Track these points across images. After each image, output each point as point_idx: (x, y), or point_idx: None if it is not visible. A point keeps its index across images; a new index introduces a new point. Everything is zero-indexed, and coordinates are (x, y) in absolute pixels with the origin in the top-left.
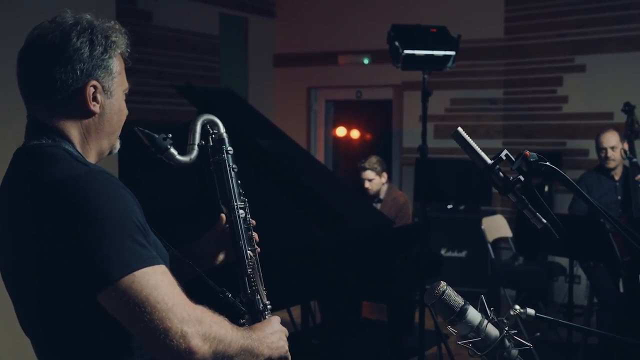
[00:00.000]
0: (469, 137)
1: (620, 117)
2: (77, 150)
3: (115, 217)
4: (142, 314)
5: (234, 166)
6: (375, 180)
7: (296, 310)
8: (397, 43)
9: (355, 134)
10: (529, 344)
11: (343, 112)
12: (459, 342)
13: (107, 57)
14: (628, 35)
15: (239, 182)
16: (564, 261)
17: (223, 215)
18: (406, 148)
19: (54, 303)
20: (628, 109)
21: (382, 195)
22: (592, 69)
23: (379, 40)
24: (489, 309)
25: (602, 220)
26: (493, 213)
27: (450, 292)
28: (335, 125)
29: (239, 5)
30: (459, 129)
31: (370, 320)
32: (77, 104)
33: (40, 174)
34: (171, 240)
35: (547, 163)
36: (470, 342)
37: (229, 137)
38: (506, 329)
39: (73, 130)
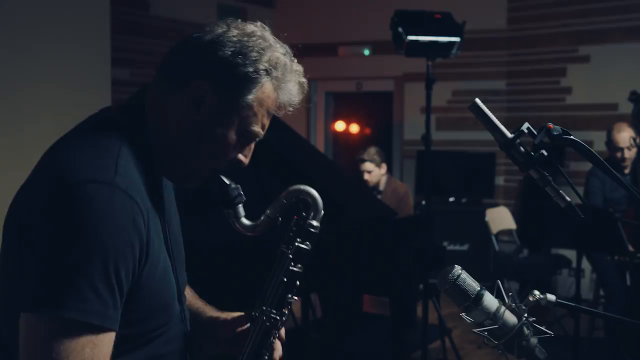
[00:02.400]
0: (487, 109)
1: (625, 108)
2: (144, 150)
3: (91, 248)
4: None
5: (297, 268)
6: (374, 172)
7: (296, 304)
8: (400, 29)
9: (355, 126)
10: (549, 332)
11: (343, 104)
12: (475, 330)
13: (248, 79)
14: (633, 25)
15: (297, 283)
16: (568, 253)
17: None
18: (407, 140)
19: (4, 305)
20: (635, 97)
21: (381, 187)
22: (596, 59)
23: (380, 31)
24: (507, 294)
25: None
26: (496, 206)
27: (465, 276)
28: (335, 118)
29: None
30: (477, 100)
31: (372, 314)
32: (181, 94)
33: (69, 152)
34: None
35: (572, 137)
36: (486, 330)
37: None
38: (525, 315)
39: (163, 119)
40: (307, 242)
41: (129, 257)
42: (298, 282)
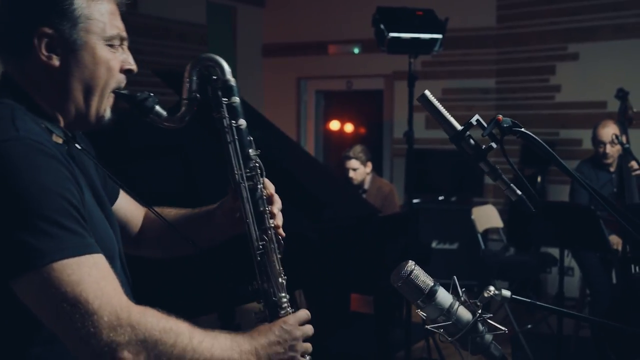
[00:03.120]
0: (437, 101)
1: (614, 106)
2: (36, 112)
3: (34, 193)
4: (60, 314)
5: (239, 123)
6: (359, 170)
7: None
8: (382, 26)
9: (345, 124)
10: (503, 328)
11: (333, 102)
12: (428, 327)
13: None
14: (621, 22)
15: (250, 139)
16: (556, 252)
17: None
18: (397, 139)
19: None
20: (622, 94)
21: (366, 185)
22: (585, 57)
23: (369, 29)
24: (461, 290)
25: (594, 207)
26: (485, 204)
27: (418, 272)
28: (326, 116)
29: None
30: (426, 91)
31: (359, 313)
32: (34, 56)
33: None
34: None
35: (522, 129)
36: (440, 327)
37: (213, 124)
38: (479, 312)
39: (37, 87)
40: (234, 97)
41: (72, 187)
42: (250, 138)
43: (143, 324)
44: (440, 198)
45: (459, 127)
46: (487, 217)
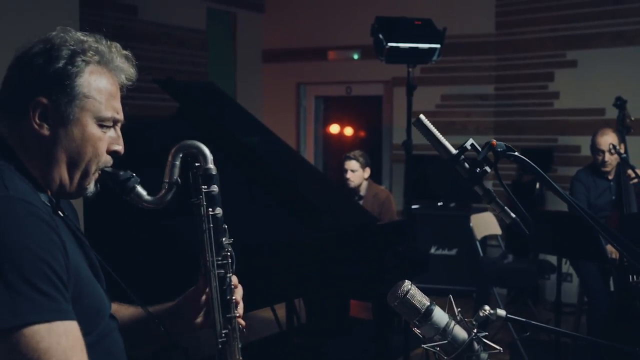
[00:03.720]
0: (431, 125)
1: (612, 113)
2: (24, 173)
3: (17, 255)
4: None
5: (216, 212)
6: (357, 173)
7: (281, 310)
8: (380, 35)
9: (345, 130)
10: (498, 348)
11: (333, 108)
12: (424, 346)
13: (66, 74)
14: (620, 30)
15: (225, 226)
16: (554, 259)
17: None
18: (396, 144)
19: None
20: (620, 103)
21: (362, 192)
22: (583, 64)
23: (369, 35)
24: (457, 309)
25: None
26: (484, 210)
27: (414, 291)
28: (325, 122)
29: (227, 0)
30: (421, 116)
31: (358, 319)
32: (28, 121)
33: None
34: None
35: (516, 153)
36: (436, 346)
37: (211, 132)
38: (475, 331)
39: (26, 151)
40: (214, 185)
41: (56, 252)
42: (225, 225)
43: None
44: (439, 204)
45: (453, 151)
46: (485, 224)
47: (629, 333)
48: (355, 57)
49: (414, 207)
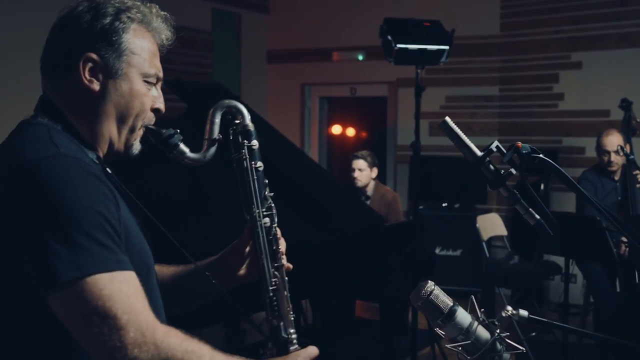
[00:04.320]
0: (457, 128)
1: (617, 115)
2: (71, 132)
3: (74, 209)
4: (90, 326)
5: (257, 165)
6: (365, 172)
7: None
8: (389, 37)
9: (349, 131)
10: (521, 348)
11: (337, 109)
12: (448, 346)
13: (113, 29)
14: (624, 31)
15: (266, 181)
16: (559, 260)
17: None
18: (401, 145)
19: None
20: (625, 105)
21: (369, 192)
22: (588, 65)
23: (374, 36)
24: (480, 310)
25: (600, 218)
26: (488, 211)
27: (438, 292)
28: (329, 122)
29: (232, 1)
30: (447, 118)
31: (364, 319)
32: (76, 78)
33: (10, 154)
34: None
35: (541, 155)
36: (459, 346)
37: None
38: (497, 331)
39: (73, 109)
40: (254, 140)
41: (110, 205)
42: (266, 180)
43: (167, 343)
44: (444, 205)
45: (479, 153)
46: (491, 225)
47: (635, 333)
48: (360, 58)
49: (421, 207)
